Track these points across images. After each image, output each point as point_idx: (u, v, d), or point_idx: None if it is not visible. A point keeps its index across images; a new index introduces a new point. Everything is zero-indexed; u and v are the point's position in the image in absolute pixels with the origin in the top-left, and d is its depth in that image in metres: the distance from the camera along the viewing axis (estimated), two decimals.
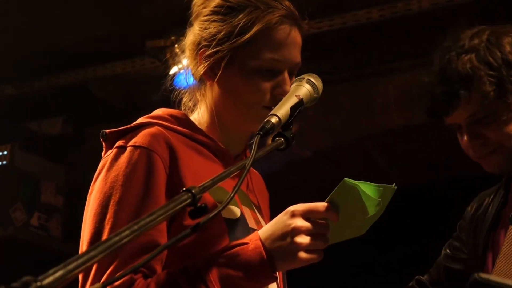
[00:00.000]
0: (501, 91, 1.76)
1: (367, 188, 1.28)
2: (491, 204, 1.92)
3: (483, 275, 1.68)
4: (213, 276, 1.27)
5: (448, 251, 2.04)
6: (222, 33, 1.45)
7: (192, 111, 1.55)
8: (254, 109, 1.45)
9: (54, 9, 3.35)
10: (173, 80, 1.63)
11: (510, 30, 1.84)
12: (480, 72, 1.76)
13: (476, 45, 1.79)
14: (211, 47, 1.45)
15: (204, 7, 1.50)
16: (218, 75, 1.46)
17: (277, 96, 1.44)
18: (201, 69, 1.47)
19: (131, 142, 1.39)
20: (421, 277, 2.07)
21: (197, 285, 1.27)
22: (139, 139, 1.39)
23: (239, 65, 1.45)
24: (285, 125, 1.37)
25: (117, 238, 0.91)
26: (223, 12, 1.46)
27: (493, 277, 1.38)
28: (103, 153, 1.46)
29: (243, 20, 1.44)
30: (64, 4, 3.32)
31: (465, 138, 1.83)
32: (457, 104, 1.79)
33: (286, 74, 1.46)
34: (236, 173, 1.23)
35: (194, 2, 1.55)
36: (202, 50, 1.47)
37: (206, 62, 1.46)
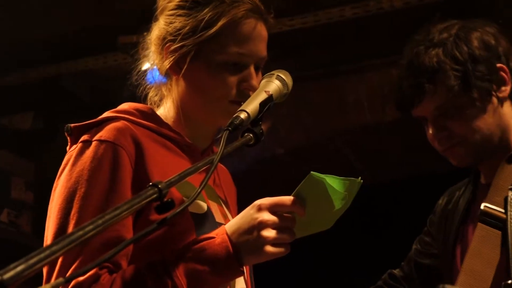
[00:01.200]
0: (466, 86, 1.78)
1: (333, 182, 1.29)
2: (461, 199, 1.94)
3: (448, 287, 1.71)
4: (180, 271, 1.27)
5: (418, 246, 2.05)
6: (187, 27, 1.44)
7: (158, 106, 1.55)
8: (220, 104, 1.45)
9: (25, 2, 3.31)
10: (145, 76, 1.62)
11: (480, 25, 1.86)
12: (446, 66, 1.78)
13: (444, 39, 1.82)
14: (177, 41, 1.45)
15: (169, 2, 1.49)
16: (183, 69, 1.45)
17: (244, 91, 1.44)
18: (167, 64, 1.46)
19: (97, 137, 1.38)
20: (394, 271, 2.08)
21: (163, 280, 1.27)
22: (104, 133, 1.38)
23: (204, 60, 1.44)
24: (254, 121, 1.37)
25: (81, 232, 0.90)
26: (188, 6, 1.46)
27: None
28: (67, 147, 1.44)
29: (209, 14, 1.43)
30: None
31: (430, 131, 1.85)
32: (423, 97, 1.81)
33: (252, 69, 1.46)
34: (203, 168, 1.22)
35: None
36: (167, 44, 1.46)
37: (172, 56, 1.45)
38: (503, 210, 1.73)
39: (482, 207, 1.74)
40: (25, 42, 3.57)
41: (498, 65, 1.81)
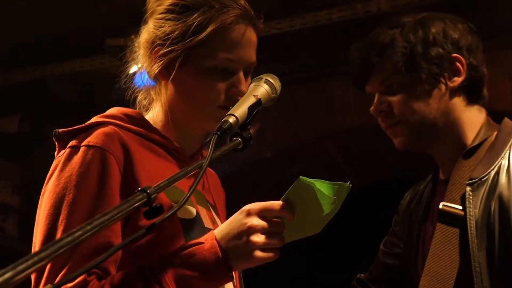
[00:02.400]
0: (412, 65, 1.79)
1: (322, 186, 1.29)
2: (422, 196, 1.93)
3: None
4: (169, 277, 1.26)
5: (384, 247, 2.04)
6: (177, 32, 1.43)
7: (147, 110, 1.54)
8: (209, 109, 1.44)
9: (11, 4, 3.29)
10: (132, 79, 1.61)
11: (448, 18, 1.86)
12: (397, 43, 1.81)
13: (405, 22, 1.84)
14: (166, 46, 1.44)
15: (159, 5, 1.49)
16: (172, 74, 1.45)
17: (232, 96, 1.43)
18: (155, 68, 1.46)
19: (85, 142, 1.37)
20: (361, 275, 2.07)
21: (152, 286, 1.26)
22: (92, 138, 1.37)
23: (193, 65, 1.44)
24: (243, 125, 1.37)
25: (69, 238, 0.89)
26: (177, 11, 1.45)
27: None
28: (55, 153, 1.43)
29: (198, 20, 1.43)
30: (21, 0, 3.27)
31: (373, 106, 1.87)
32: (371, 71, 1.84)
33: (241, 74, 1.46)
34: (192, 173, 1.22)
35: None
36: (156, 48, 1.46)
37: (161, 61, 1.45)
38: (461, 208, 1.72)
39: (440, 206, 1.74)
40: (11, 44, 3.55)
41: (454, 55, 1.81)
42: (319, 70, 3.72)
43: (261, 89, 1.43)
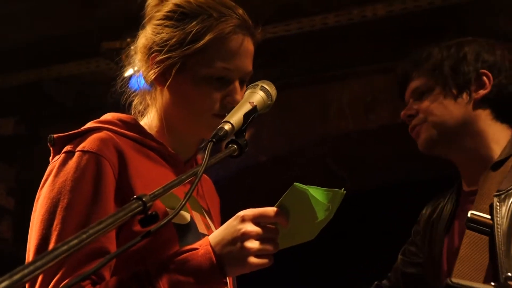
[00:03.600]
0: (440, 75, 1.97)
1: (316, 193, 1.29)
2: (445, 207, 2.02)
3: (455, 280, 1.75)
4: (163, 282, 1.27)
5: (403, 256, 2.11)
6: (174, 39, 1.44)
7: (142, 115, 1.55)
8: (204, 117, 1.45)
9: (7, 7, 3.29)
10: (128, 82, 1.61)
11: (490, 43, 2.03)
12: (431, 57, 2.00)
13: (445, 43, 2.03)
14: (163, 52, 1.45)
15: (158, 11, 1.49)
16: (169, 81, 1.45)
17: (227, 105, 1.44)
18: (152, 74, 1.47)
19: (80, 147, 1.37)
20: (381, 283, 2.12)
21: None
22: (87, 144, 1.37)
23: (190, 73, 1.45)
24: (238, 132, 1.37)
25: (65, 247, 0.90)
26: (176, 18, 1.46)
27: (464, 282, 1.42)
28: (50, 158, 1.44)
29: (196, 28, 1.44)
30: (17, 2, 3.27)
31: (403, 111, 2.03)
32: (407, 81, 2.04)
33: (237, 83, 1.47)
34: (188, 180, 1.22)
35: (147, 3, 1.54)
36: (153, 54, 1.47)
37: (157, 67, 1.46)
38: (489, 217, 1.81)
39: (469, 214, 1.83)
40: (7, 46, 3.55)
41: (483, 70, 1.97)
42: (314, 74, 3.72)
43: (257, 96, 1.44)
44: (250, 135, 1.42)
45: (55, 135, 1.43)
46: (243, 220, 1.29)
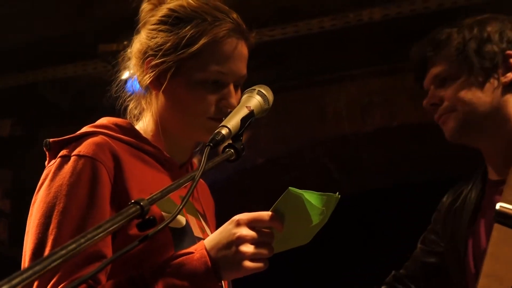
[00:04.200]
0: (464, 59, 1.84)
1: (311, 197, 1.29)
2: (469, 196, 1.92)
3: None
4: (159, 286, 1.27)
5: (423, 245, 2.03)
6: (169, 43, 1.45)
7: (137, 119, 1.55)
8: (199, 120, 1.46)
9: (3, 8, 3.29)
10: (124, 86, 1.62)
11: (506, 19, 1.90)
12: (452, 40, 1.86)
13: (464, 22, 1.90)
14: (158, 57, 1.46)
15: (152, 16, 1.50)
16: (164, 85, 1.46)
17: (223, 108, 1.45)
18: (147, 79, 1.47)
19: (75, 152, 1.37)
20: (398, 272, 2.06)
21: None
22: (83, 148, 1.37)
23: (185, 77, 1.45)
24: (235, 137, 1.37)
25: (63, 251, 0.90)
26: (170, 23, 1.47)
27: None
28: (46, 162, 1.44)
29: (190, 32, 1.44)
30: (13, 3, 3.27)
31: (426, 100, 1.90)
32: (426, 66, 1.90)
33: (231, 87, 1.48)
34: (184, 184, 1.23)
35: (141, 8, 1.54)
36: (148, 59, 1.47)
37: (152, 71, 1.46)
38: None
39: (497, 207, 1.72)
40: (4, 47, 3.54)
41: (509, 52, 1.85)
42: (311, 77, 3.73)
43: (254, 100, 1.44)
44: (247, 137, 1.42)
45: (51, 140, 1.43)
46: (238, 224, 1.29)
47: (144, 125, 1.52)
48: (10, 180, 4.03)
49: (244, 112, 1.41)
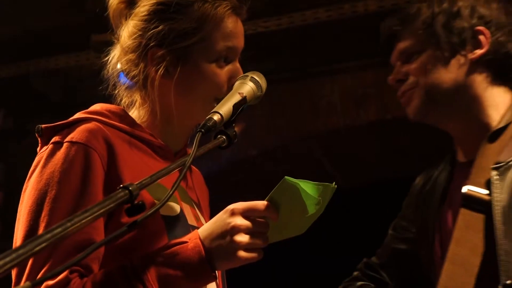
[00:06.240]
0: (432, 33, 1.78)
1: (307, 187, 1.28)
2: (438, 179, 1.87)
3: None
4: (152, 275, 1.26)
5: (394, 231, 1.99)
6: (175, 31, 1.44)
7: (130, 107, 1.53)
8: (209, 102, 1.44)
9: None
10: (117, 76, 1.59)
11: None
12: (421, 13, 1.81)
13: None
14: (164, 46, 1.44)
15: (143, 7, 1.47)
16: (176, 73, 1.44)
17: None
18: (158, 71, 1.44)
19: (68, 138, 1.35)
20: (370, 259, 2.01)
21: (135, 285, 1.25)
22: (76, 134, 1.36)
23: (195, 61, 1.45)
24: (227, 123, 1.36)
25: (49, 235, 0.88)
26: (172, 10, 1.45)
27: None
28: (38, 148, 1.42)
29: (193, 16, 1.44)
30: None
31: (391, 75, 1.86)
32: (393, 41, 1.85)
33: (238, 64, 1.49)
34: (175, 170, 1.21)
35: (110, 4, 1.53)
36: (152, 50, 1.44)
37: (160, 63, 1.44)
38: (487, 192, 1.66)
39: (464, 190, 1.68)
40: None
41: (479, 28, 1.79)
42: (305, 69, 3.72)
43: (247, 87, 1.43)
44: (241, 129, 1.41)
45: (43, 126, 1.41)
46: (232, 213, 1.28)
47: (138, 112, 1.50)
48: (2, 172, 4.00)
49: (236, 98, 1.39)
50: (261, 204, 1.29)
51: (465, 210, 1.68)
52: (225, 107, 1.36)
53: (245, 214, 1.28)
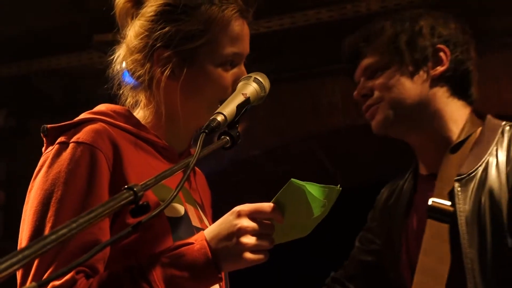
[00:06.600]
0: (395, 50, 1.85)
1: (313, 189, 1.29)
2: (402, 192, 1.94)
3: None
4: (158, 276, 1.26)
5: (360, 244, 2.05)
6: (182, 33, 1.43)
7: (134, 108, 1.53)
8: (215, 105, 1.43)
9: None
10: (120, 75, 1.59)
11: (439, 15, 1.92)
12: (384, 31, 1.88)
13: (397, 16, 1.92)
14: (171, 47, 1.43)
15: (150, 7, 1.47)
16: (182, 75, 1.44)
17: None
18: (160, 72, 1.44)
19: (74, 138, 1.36)
20: (336, 273, 2.06)
21: (140, 285, 1.25)
22: (82, 135, 1.36)
23: (201, 64, 1.44)
24: (231, 124, 1.36)
25: (54, 236, 0.88)
26: (179, 11, 1.44)
27: None
28: (43, 149, 1.42)
29: (201, 18, 1.44)
30: None
31: (356, 90, 1.93)
32: (358, 57, 1.92)
33: (243, 66, 1.48)
34: (180, 171, 1.21)
35: (117, 3, 1.52)
36: (158, 51, 1.44)
37: (166, 64, 1.44)
38: (450, 203, 1.73)
39: (430, 202, 1.74)
40: None
41: (439, 46, 1.87)
42: (307, 69, 3.72)
43: (250, 87, 1.43)
44: (243, 129, 1.41)
45: (49, 126, 1.41)
46: (239, 215, 1.28)
47: (143, 113, 1.50)
48: (4, 172, 4.01)
49: (240, 99, 1.39)
50: (267, 206, 1.30)
51: (431, 221, 1.74)
52: (228, 108, 1.36)
53: (251, 216, 1.28)
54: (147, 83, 1.48)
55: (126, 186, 1.06)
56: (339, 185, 1.32)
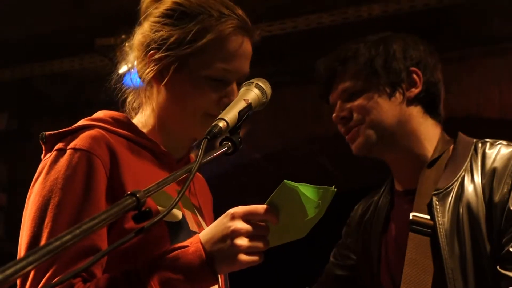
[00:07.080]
0: (372, 73, 1.90)
1: (307, 190, 1.28)
2: (378, 208, 1.99)
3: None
4: (154, 280, 1.26)
5: (334, 259, 2.10)
6: (174, 38, 1.44)
7: (136, 113, 1.54)
8: (198, 116, 1.44)
9: (0, 2, 3.27)
10: (122, 79, 1.60)
11: (408, 38, 1.97)
12: (359, 54, 1.92)
13: (369, 39, 1.96)
14: (161, 50, 1.44)
15: (156, 8, 1.48)
16: (166, 79, 1.45)
17: (224, 106, 1.43)
18: (149, 72, 1.46)
19: (71, 145, 1.37)
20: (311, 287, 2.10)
21: None
22: (79, 141, 1.37)
23: (189, 72, 1.44)
24: (233, 129, 1.37)
25: (58, 243, 0.89)
26: (176, 17, 1.45)
27: None
28: (42, 155, 1.43)
29: (196, 28, 1.43)
30: None
31: (335, 112, 1.95)
32: (334, 80, 1.95)
33: (234, 85, 1.47)
34: (181, 177, 1.22)
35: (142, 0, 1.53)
36: (151, 52, 1.46)
37: (155, 65, 1.45)
38: (429, 217, 1.79)
39: (411, 216, 1.80)
40: (1, 41, 3.53)
41: (413, 68, 1.92)
42: (308, 73, 3.71)
43: (252, 93, 1.43)
44: (244, 133, 1.41)
45: (47, 133, 1.42)
46: (233, 217, 1.29)
47: (143, 118, 1.51)
48: (6, 174, 4.02)
49: (241, 105, 1.40)
50: (260, 207, 1.30)
51: (412, 234, 1.80)
52: (230, 114, 1.37)
53: (245, 217, 1.29)
54: (146, 83, 1.49)
55: (128, 193, 1.06)
56: (333, 186, 1.31)
